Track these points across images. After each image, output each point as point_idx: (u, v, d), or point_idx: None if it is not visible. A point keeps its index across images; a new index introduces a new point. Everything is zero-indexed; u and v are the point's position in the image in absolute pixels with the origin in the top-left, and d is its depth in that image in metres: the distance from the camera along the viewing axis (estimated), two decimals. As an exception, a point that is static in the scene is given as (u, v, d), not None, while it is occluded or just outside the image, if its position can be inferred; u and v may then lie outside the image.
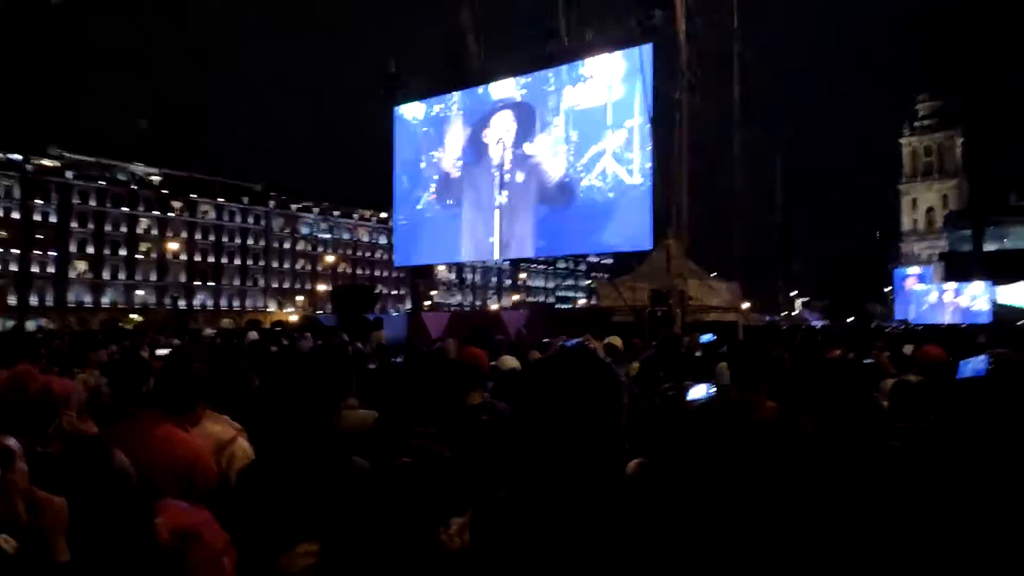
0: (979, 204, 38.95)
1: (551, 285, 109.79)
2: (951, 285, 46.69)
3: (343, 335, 9.32)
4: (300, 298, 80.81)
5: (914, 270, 62.14)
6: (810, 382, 2.59)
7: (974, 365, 2.44)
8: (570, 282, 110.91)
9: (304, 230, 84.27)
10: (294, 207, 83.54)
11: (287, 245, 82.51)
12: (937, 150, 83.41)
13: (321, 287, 78.97)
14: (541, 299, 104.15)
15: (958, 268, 50.70)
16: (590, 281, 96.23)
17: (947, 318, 40.88)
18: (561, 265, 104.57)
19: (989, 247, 56.96)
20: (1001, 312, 38.30)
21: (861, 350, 9.02)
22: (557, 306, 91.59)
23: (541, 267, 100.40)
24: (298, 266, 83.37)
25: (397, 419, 2.56)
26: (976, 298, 42.46)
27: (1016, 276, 38.85)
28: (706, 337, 11.09)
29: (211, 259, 75.97)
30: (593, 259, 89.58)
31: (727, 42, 19.82)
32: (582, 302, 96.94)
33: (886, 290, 64.97)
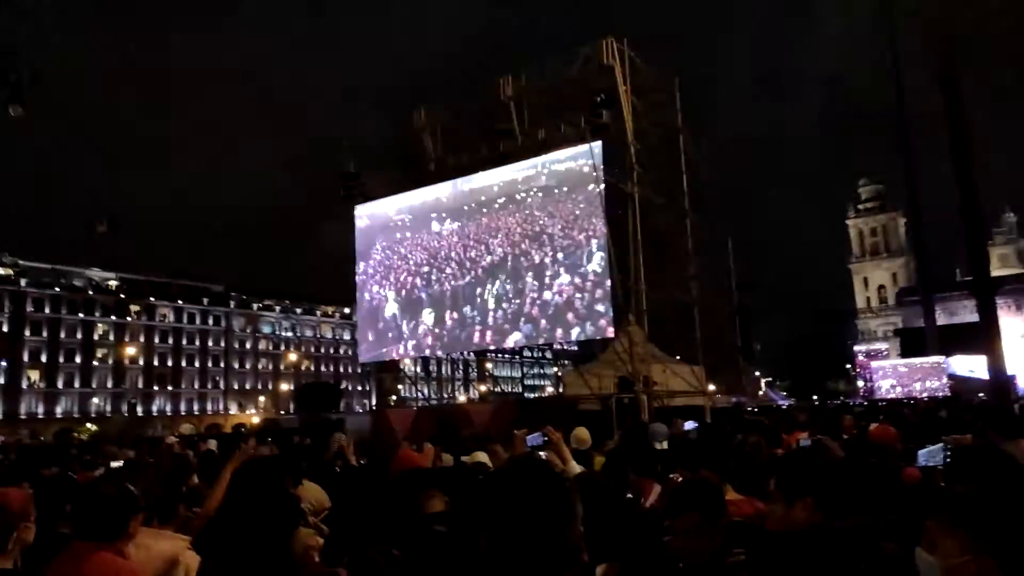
0: (927, 281, 40.33)
1: (518, 375, 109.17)
2: (909, 360, 47.74)
3: (305, 439, 9.13)
4: (262, 399, 78.94)
5: (872, 346, 63.65)
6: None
7: (932, 455, 2.50)
8: (537, 370, 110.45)
9: (266, 329, 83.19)
10: (256, 306, 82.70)
11: (248, 345, 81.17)
12: (882, 231, 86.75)
13: (284, 386, 77.36)
14: (509, 389, 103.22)
15: (913, 343, 51.89)
16: (556, 369, 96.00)
17: (907, 392, 41.53)
18: (527, 354, 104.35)
19: (941, 321, 58.56)
20: (957, 384, 39.06)
21: (829, 431, 9.04)
22: (525, 395, 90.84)
23: (507, 357, 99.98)
24: (260, 366, 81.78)
25: (351, 532, 2.49)
26: (933, 371, 43.34)
27: (967, 348, 39.86)
28: (690, 424, 11.05)
29: (170, 363, 74.24)
30: (558, 346, 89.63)
31: (674, 137, 20.71)
32: (550, 390, 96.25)
33: (847, 367, 66.08)
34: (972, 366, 41.49)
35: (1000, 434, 5.16)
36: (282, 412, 68.54)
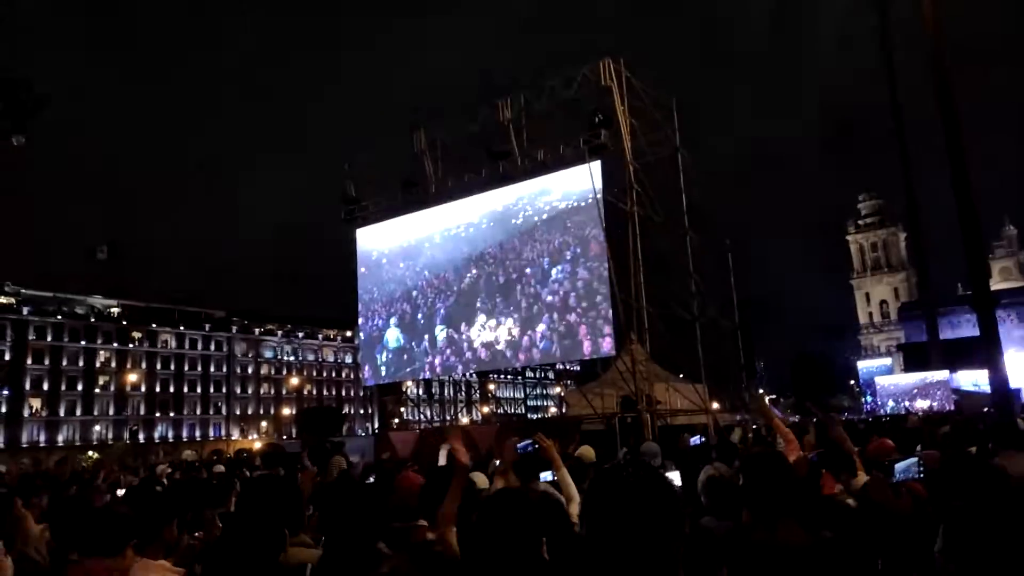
0: (928, 296, 40.28)
1: (520, 395, 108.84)
2: (912, 375, 47.51)
3: (307, 462, 9.09)
4: (264, 424, 78.66)
5: (875, 361, 63.41)
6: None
7: (907, 468, 2.56)
8: (539, 391, 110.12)
9: (268, 354, 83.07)
10: (257, 331, 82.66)
11: (250, 370, 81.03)
12: (883, 246, 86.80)
13: (286, 411, 77.15)
14: (511, 410, 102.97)
15: (916, 358, 51.61)
16: (559, 389, 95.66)
17: (912, 407, 41.29)
18: (529, 374, 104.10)
19: (944, 335, 58.35)
20: (962, 399, 38.86)
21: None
22: (528, 416, 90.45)
23: (509, 378, 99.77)
24: (262, 391, 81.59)
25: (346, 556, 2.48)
26: (938, 386, 43.11)
27: (971, 362, 39.72)
28: (695, 439, 11.16)
29: (171, 389, 74.11)
30: (560, 366, 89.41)
31: (672, 155, 20.81)
32: (553, 411, 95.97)
33: (851, 383, 65.83)
34: (976, 380, 41.29)
35: (1000, 446, 5.16)
36: (284, 437, 68.21)
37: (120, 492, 8.54)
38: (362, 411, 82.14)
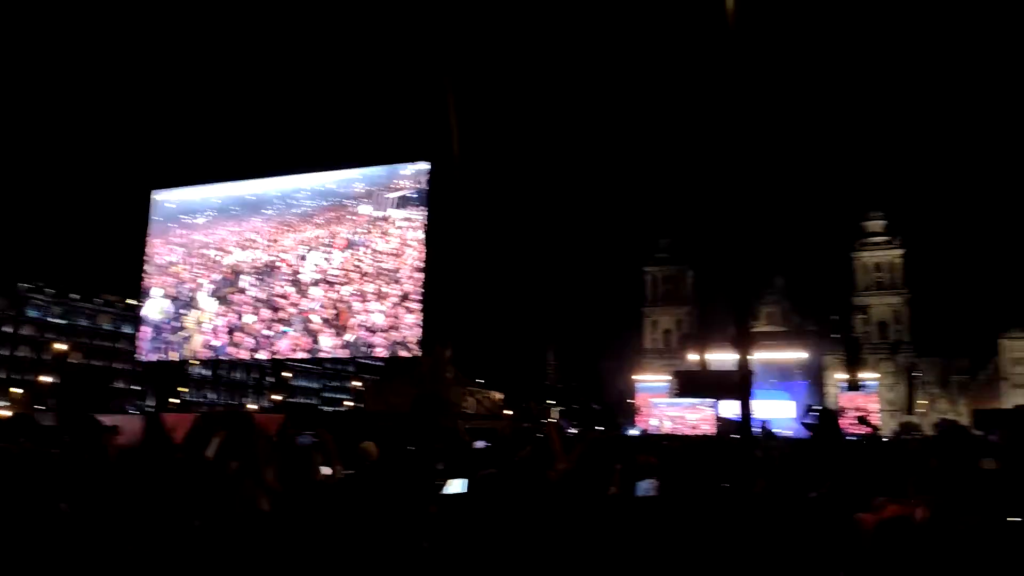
0: (704, 329, 44.90)
1: (317, 386, 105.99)
2: (683, 400, 53.02)
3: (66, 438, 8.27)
4: (18, 390, 69.87)
5: (652, 384, 69.73)
6: None
7: (645, 487, 2.96)
8: (337, 383, 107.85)
9: (32, 313, 74.05)
10: (22, 286, 73.45)
11: (8, 329, 71.76)
12: (673, 280, 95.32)
13: (45, 379, 69.12)
14: (306, 399, 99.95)
15: (688, 385, 57.27)
16: (360, 383, 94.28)
17: (677, 430, 45.81)
18: (328, 365, 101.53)
19: (716, 367, 64.95)
20: (723, 424, 43.63)
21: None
22: (322, 408, 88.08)
23: (307, 366, 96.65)
24: (20, 353, 72.49)
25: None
26: (703, 411, 48.51)
27: (731, 393, 44.70)
28: (479, 443, 11.48)
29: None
30: (362, 360, 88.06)
31: (502, 161, 21.50)
32: (349, 404, 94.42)
33: (629, 401, 71.60)
34: (736, 409, 46.52)
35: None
36: (39, 407, 61.09)
37: None
38: (138, 388, 75.58)
